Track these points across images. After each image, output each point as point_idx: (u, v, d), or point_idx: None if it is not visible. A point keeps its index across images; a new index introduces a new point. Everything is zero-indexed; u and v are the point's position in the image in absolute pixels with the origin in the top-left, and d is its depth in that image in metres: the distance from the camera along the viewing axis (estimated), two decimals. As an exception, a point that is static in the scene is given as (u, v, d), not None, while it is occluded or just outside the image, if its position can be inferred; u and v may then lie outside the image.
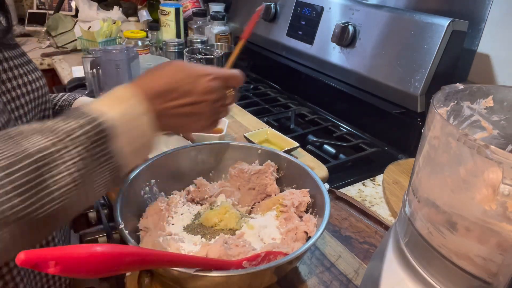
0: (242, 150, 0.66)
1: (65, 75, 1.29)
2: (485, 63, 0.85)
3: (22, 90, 0.56)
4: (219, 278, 0.43)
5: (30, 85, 0.57)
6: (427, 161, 0.34)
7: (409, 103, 0.85)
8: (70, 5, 1.80)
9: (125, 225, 0.49)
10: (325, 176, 0.75)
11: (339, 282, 0.53)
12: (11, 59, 0.54)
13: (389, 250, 0.40)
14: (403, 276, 0.36)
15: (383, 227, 0.63)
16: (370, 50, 0.92)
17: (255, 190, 0.63)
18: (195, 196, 0.62)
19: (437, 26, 0.79)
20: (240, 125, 0.92)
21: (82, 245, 0.35)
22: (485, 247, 0.29)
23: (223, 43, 1.42)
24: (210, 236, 0.55)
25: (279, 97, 1.20)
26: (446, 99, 0.37)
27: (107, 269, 0.33)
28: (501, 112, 0.38)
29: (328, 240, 0.60)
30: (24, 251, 0.31)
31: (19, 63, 0.56)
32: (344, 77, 1.01)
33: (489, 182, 0.27)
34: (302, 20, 1.12)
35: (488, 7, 0.82)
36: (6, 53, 0.54)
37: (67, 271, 0.31)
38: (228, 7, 1.52)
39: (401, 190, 0.71)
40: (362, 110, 1.00)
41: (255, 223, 0.57)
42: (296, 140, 0.88)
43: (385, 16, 0.89)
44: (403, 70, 0.84)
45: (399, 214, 0.40)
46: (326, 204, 0.53)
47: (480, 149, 0.27)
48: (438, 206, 0.32)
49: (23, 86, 0.56)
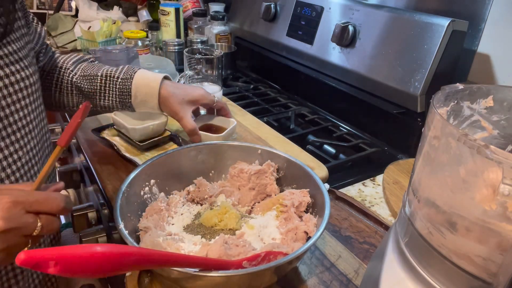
0: (242, 150, 0.66)
1: (65, 75, 1.29)
2: (485, 63, 0.85)
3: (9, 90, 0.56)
4: (219, 278, 0.43)
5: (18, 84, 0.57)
6: (427, 161, 0.34)
7: (409, 103, 0.85)
8: (70, 5, 1.80)
9: (125, 225, 0.49)
10: (325, 176, 0.75)
11: (339, 282, 0.53)
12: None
13: (389, 250, 0.40)
14: (403, 276, 0.36)
15: (383, 227, 0.63)
16: (370, 50, 0.92)
17: (255, 190, 0.63)
18: (195, 196, 0.62)
19: (437, 26, 0.79)
20: (240, 125, 0.92)
21: (82, 245, 0.35)
22: (485, 247, 0.29)
23: (223, 43, 1.42)
24: (210, 236, 0.55)
25: (279, 97, 1.20)
26: (446, 99, 0.37)
27: (107, 269, 0.34)
28: (501, 112, 0.38)
29: (328, 240, 0.60)
30: (24, 251, 0.31)
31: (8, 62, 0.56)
32: (344, 77, 1.01)
33: (489, 182, 0.27)
34: (302, 20, 1.12)
35: (488, 7, 0.82)
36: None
37: (67, 271, 0.31)
38: (228, 7, 1.52)
39: (401, 190, 0.71)
40: (362, 110, 1.00)
41: (255, 223, 0.57)
42: (296, 140, 0.88)
43: (385, 16, 0.89)
44: (403, 70, 0.84)
45: (399, 214, 0.40)
46: (326, 204, 0.53)
47: (480, 149, 0.27)
48: (438, 206, 0.32)
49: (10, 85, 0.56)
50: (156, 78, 0.73)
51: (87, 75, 0.75)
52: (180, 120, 0.74)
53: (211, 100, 0.78)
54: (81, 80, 0.75)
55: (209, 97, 0.78)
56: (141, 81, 0.72)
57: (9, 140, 0.57)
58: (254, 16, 1.31)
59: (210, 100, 0.78)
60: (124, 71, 0.74)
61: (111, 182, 0.70)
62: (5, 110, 0.56)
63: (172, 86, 0.74)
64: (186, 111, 0.74)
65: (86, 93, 0.75)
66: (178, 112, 0.73)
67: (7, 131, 0.56)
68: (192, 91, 0.76)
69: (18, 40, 0.59)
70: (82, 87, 0.74)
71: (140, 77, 0.73)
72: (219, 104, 0.81)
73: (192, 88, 0.77)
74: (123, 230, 0.48)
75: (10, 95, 0.56)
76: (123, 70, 0.74)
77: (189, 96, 0.75)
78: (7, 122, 0.56)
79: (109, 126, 0.84)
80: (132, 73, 0.73)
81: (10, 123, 0.57)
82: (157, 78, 0.73)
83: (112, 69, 0.74)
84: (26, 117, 0.59)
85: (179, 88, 0.75)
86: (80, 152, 0.85)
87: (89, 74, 0.75)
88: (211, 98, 0.79)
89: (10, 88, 0.56)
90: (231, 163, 0.66)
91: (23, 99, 0.58)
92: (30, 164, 0.60)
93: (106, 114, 0.93)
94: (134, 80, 0.72)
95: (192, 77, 0.93)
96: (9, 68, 0.56)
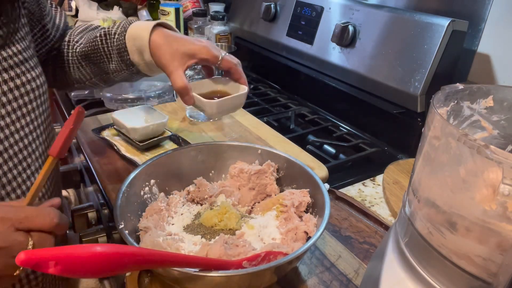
0: (242, 150, 0.66)
1: (65, 75, 1.29)
2: (485, 63, 0.85)
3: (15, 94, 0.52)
4: (219, 278, 0.43)
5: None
6: (427, 161, 0.34)
7: (409, 103, 0.85)
8: (70, 5, 1.80)
9: (125, 225, 0.49)
10: (325, 176, 0.75)
11: (339, 282, 0.53)
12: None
13: (389, 250, 0.40)
14: (403, 276, 0.36)
15: (383, 227, 0.63)
16: (370, 50, 0.92)
17: (255, 190, 0.63)
18: (195, 196, 0.62)
19: (437, 26, 0.79)
20: (240, 125, 0.92)
21: (82, 245, 0.35)
22: (485, 247, 0.29)
23: (223, 43, 1.42)
24: (210, 236, 0.55)
25: (279, 97, 1.20)
26: (446, 99, 0.37)
27: (107, 269, 0.34)
28: (501, 112, 0.38)
29: (328, 240, 0.60)
30: (24, 251, 0.31)
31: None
32: (344, 77, 1.01)
33: (489, 182, 0.27)
34: (302, 20, 1.12)
35: (488, 7, 0.82)
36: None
37: (67, 271, 0.31)
38: (228, 7, 1.52)
39: (401, 190, 0.71)
40: (362, 110, 1.00)
41: (255, 223, 0.57)
42: (296, 140, 0.88)
43: (385, 16, 0.89)
44: (403, 70, 0.84)
45: (399, 214, 0.40)
46: (326, 204, 0.53)
47: (480, 149, 0.27)
48: (438, 206, 0.32)
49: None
50: (147, 25, 0.62)
51: (89, 40, 0.68)
52: (169, 75, 0.61)
53: (213, 56, 0.62)
54: (85, 48, 0.68)
55: (211, 52, 0.62)
56: (133, 32, 0.62)
57: (17, 148, 0.52)
58: (254, 16, 1.31)
59: (213, 56, 0.62)
60: (120, 25, 0.65)
61: (111, 182, 0.70)
62: (11, 116, 0.52)
63: (165, 35, 0.61)
64: (179, 64, 0.60)
65: (93, 60, 0.68)
66: (168, 65, 0.60)
67: (14, 138, 0.52)
68: (191, 42, 0.62)
69: (22, 40, 0.56)
70: (88, 55, 0.68)
71: (133, 28, 0.63)
72: (226, 63, 0.63)
73: (192, 39, 0.63)
74: (123, 230, 0.48)
75: (15, 99, 0.52)
76: (120, 25, 0.65)
77: (184, 47, 0.61)
78: (14, 128, 0.52)
79: (109, 126, 0.84)
80: (127, 26, 0.64)
81: (17, 129, 0.53)
82: (148, 26, 0.62)
83: (110, 26, 0.66)
84: (33, 122, 0.55)
85: (175, 37, 0.62)
86: (80, 152, 0.85)
87: (90, 38, 0.67)
88: (214, 54, 0.62)
89: (16, 92, 0.52)
90: (231, 163, 0.66)
91: (30, 103, 0.54)
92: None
93: (106, 114, 0.93)
94: (127, 33, 0.63)
95: (192, 77, 0.93)
96: (14, 71, 0.52)
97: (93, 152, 0.79)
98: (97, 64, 0.69)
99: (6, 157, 0.52)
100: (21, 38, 0.56)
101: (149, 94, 1.04)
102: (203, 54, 0.61)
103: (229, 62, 0.63)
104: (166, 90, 1.07)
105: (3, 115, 0.51)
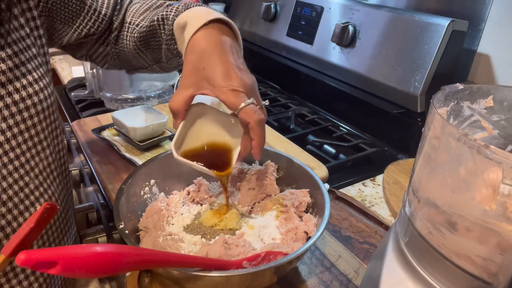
0: (242, 150, 0.66)
1: (65, 75, 1.29)
2: (485, 63, 0.85)
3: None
4: (219, 278, 0.43)
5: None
6: (427, 161, 0.34)
7: (409, 103, 0.85)
8: None
9: (125, 225, 0.49)
10: (325, 176, 0.75)
11: (339, 282, 0.53)
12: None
13: (389, 250, 0.40)
14: (403, 276, 0.36)
15: (383, 227, 0.63)
16: (370, 50, 0.92)
17: (255, 190, 0.63)
18: (195, 196, 0.62)
19: (437, 26, 0.79)
20: (240, 125, 0.92)
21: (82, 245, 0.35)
22: (485, 247, 0.29)
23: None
24: (210, 236, 0.55)
25: (279, 97, 1.20)
26: (446, 99, 0.37)
27: (107, 269, 0.34)
28: (501, 112, 0.37)
29: (328, 240, 0.60)
30: (24, 251, 0.31)
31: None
32: (344, 77, 1.01)
33: (489, 182, 0.27)
34: (302, 20, 1.12)
35: (488, 7, 0.82)
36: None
37: (67, 271, 0.31)
38: (228, 7, 1.52)
39: (401, 190, 0.71)
40: (362, 110, 1.00)
41: (255, 223, 0.57)
42: (296, 140, 0.88)
43: (385, 16, 0.89)
44: (403, 70, 0.84)
45: (399, 214, 0.40)
46: (326, 204, 0.53)
47: (480, 149, 0.27)
48: (438, 206, 0.32)
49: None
50: (197, 19, 0.50)
51: (147, 25, 0.58)
52: (178, 87, 0.51)
53: (231, 103, 0.46)
54: (143, 33, 0.59)
55: (230, 98, 0.46)
56: (181, 21, 0.53)
57: (12, 167, 0.47)
58: (254, 16, 1.31)
59: (231, 102, 0.46)
60: (179, 9, 0.56)
61: (111, 182, 0.70)
62: (5, 134, 0.46)
63: (209, 40, 0.49)
64: (191, 85, 0.49)
65: (152, 46, 0.60)
66: (183, 77, 0.50)
67: (9, 156, 0.46)
68: (223, 71, 0.47)
69: (22, 40, 0.49)
70: (147, 40, 0.59)
71: (186, 15, 0.53)
72: (243, 117, 0.47)
73: (231, 67, 0.48)
74: (123, 230, 0.48)
75: (12, 116, 0.46)
76: (178, 9, 0.56)
77: (211, 72, 0.47)
78: (8, 147, 0.46)
79: (109, 126, 0.84)
80: (184, 10, 0.55)
81: (13, 147, 0.47)
82: (199, 21, 0.50)
83: (168, 11, 0.56)
84: (33, 138, 0.49)
85: (215, 51, 0.48)
86: (80, 152, 0.85)
87: (148, 21, 0.58)
88: (232, 101, 0.46)
89: (13, 108, 0.46)
90: (231, 163, 0.66)
91: (30, 119, 0.48)
92: (38, 192, 0.50)
93: (106, 114, 0.93)
94: (176, 21, 0.53)
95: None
96: (12, 85, 0.45)
97: (93, 152, 0.79)
98: (157, 51, 0.60)
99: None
100: (18, 39, 0.48)
101: (149, 94, 1.04)
102: (221, 95, 0.47)
103: (248, 117, 0.46)
104: (166, 90, 1.07)
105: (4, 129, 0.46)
